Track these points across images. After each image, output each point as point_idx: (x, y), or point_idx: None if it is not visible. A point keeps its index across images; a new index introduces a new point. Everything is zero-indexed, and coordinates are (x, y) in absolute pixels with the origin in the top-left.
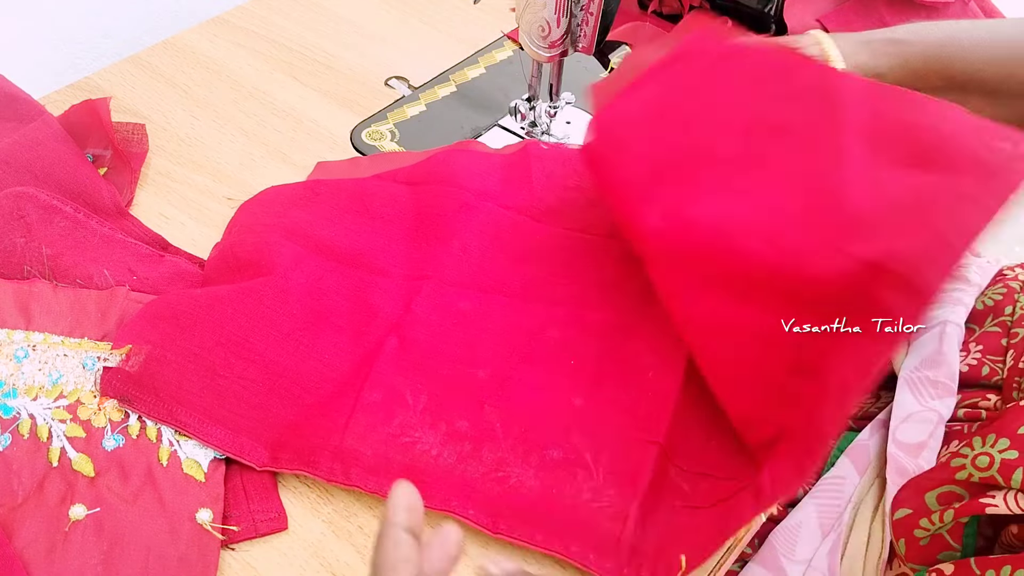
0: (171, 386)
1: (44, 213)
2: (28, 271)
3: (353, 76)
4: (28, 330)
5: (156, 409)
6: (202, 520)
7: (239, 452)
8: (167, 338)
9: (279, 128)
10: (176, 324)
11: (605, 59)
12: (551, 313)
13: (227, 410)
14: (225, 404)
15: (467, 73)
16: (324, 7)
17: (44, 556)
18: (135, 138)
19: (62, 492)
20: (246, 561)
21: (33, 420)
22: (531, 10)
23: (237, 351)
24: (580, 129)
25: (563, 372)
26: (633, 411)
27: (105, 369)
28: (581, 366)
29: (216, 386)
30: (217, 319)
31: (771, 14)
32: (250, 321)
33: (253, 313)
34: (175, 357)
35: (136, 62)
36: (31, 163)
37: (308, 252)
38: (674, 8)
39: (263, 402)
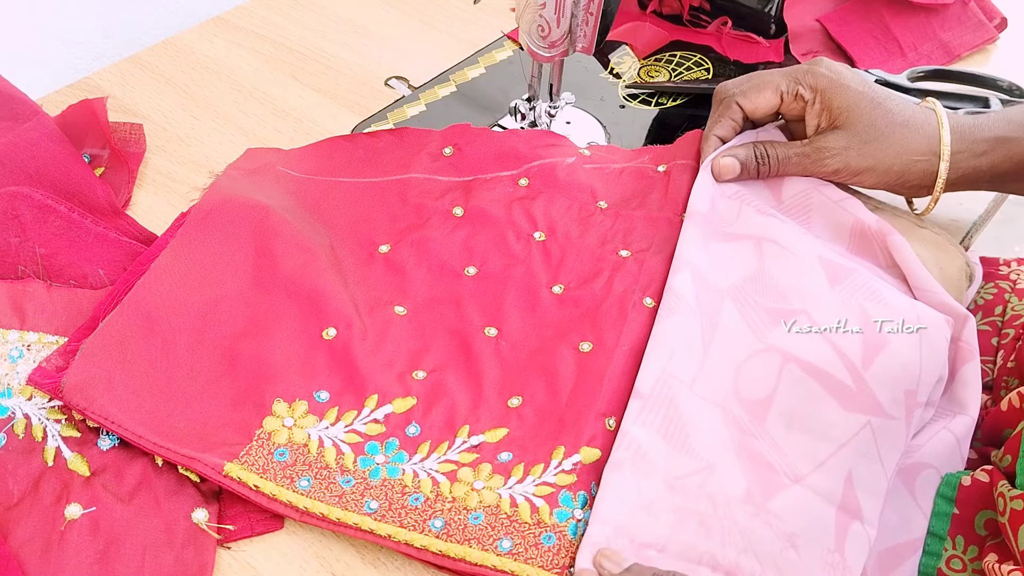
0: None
1: (39, 213)
2: (22, 271)
3: (353, 76)
4: (22, 330)
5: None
6: (198, 519)
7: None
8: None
9: (279, 128)
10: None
11: (605, 59)
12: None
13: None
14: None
15: (467, 73)
16: (324, 7)
17: (40, 556)
18: (132, 138)
19: (57, 492)
20: (246, 561)
21: (28, 420)
22: (531, 10)
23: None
24: (580, 129)
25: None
26: None
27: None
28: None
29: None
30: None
31: (771, 14)
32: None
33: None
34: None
35: (136, 62)
36: (26, 163)
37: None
38: (674, 8)
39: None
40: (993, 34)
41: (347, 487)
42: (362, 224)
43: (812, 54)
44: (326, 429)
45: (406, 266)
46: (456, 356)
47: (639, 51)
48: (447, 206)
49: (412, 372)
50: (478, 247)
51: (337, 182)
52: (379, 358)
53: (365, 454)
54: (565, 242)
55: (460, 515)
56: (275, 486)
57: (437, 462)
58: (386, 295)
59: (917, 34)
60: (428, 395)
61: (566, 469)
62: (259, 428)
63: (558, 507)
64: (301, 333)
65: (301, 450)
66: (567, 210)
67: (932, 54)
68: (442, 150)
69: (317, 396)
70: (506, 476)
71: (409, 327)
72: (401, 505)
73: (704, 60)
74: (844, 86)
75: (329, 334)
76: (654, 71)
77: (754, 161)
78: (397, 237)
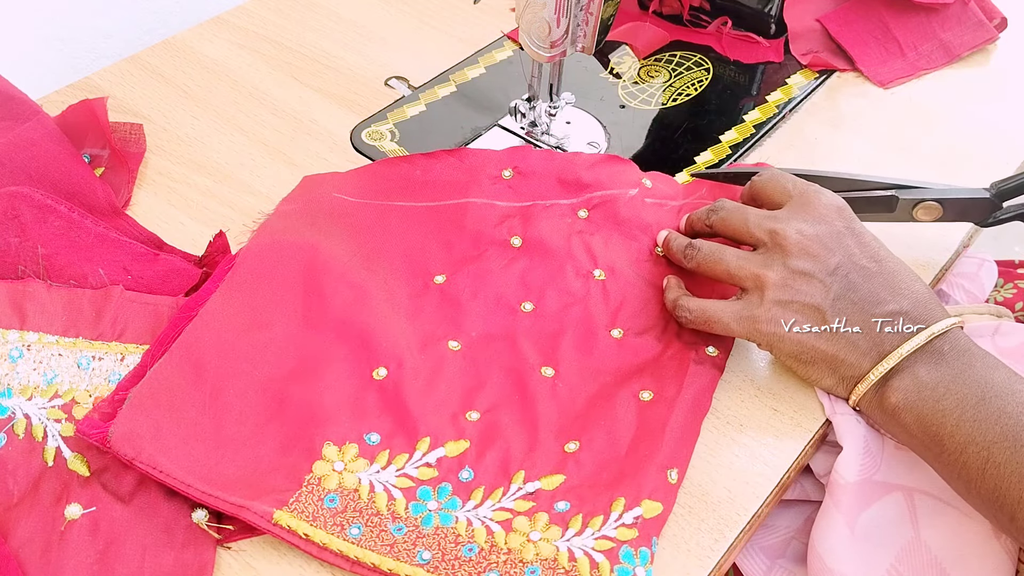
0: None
1: (38, 212)
2: (22, 271)
3: (353, 76)
4: (22, 330)
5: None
6: (198, 519)
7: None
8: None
9: (279, 128)
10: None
11: (605, 59)
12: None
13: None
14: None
15: (467, 73)
16: (324, 7)
17: (40, 556)
18: (132, 138)
19: (57, 492)
20: (246, 561)
21: (28, 420)
22: (531, 10)
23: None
24: (580, 129)
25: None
26: None
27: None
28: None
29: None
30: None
31: (771, 14)
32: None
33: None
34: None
35: (136, 62)
36: (26, 163)
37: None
38: (674, 8)
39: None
40: (993, 34)
41: (399, 535)
42: (417, 252)
43: (812, 54)
44: (377, 473)
45: (462, 298)
46: (511, 396)
47: (639, 51)
48: (505, 235)
49: (466, 413)
50: (535, 282)
51: (392, 206)
52: (432, 398)
53: (417, 500)
54: (625, 285)
55: (516, 568)
56: (325, 535)
57: (491, 510)
58: (440, 329)
59: (917, 34)
60: (482, 438)
61: (627, 523)
62: (309, 473)
63: (619, 563)
64: (351, 374)
65: (352, 495)
66: (627, 250)
67: (932, 54)
68: (502, 172)
69: (368, 438)
70: (564, 527)
71: (463, 363)
72: (455, 556)
73: (704, 60)
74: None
75: (380, 374)
76: (654, 71)
77: (680, 255)
78: (453, 267)
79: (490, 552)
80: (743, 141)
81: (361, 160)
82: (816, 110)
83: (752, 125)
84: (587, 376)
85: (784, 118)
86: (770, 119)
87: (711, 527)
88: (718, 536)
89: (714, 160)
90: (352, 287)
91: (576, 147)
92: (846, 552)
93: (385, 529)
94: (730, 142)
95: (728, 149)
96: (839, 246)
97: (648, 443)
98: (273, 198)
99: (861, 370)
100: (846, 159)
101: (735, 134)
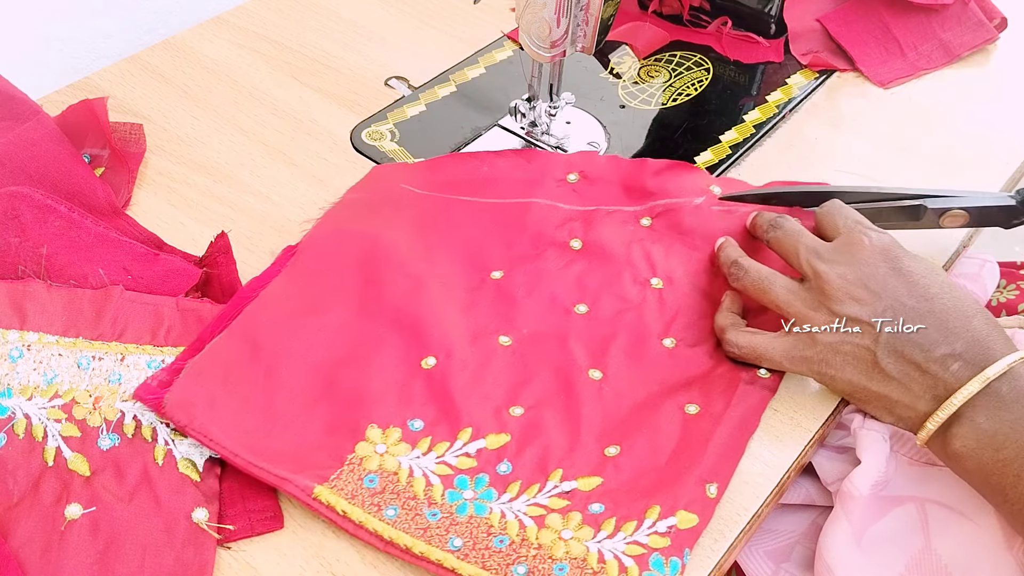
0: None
1: (38, 212)
2: (22, 271)
3: (353, 76)
4: (23, 330)
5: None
6: (198, 519)
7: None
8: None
9: (279, 128)
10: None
11: (605, 59)
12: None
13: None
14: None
15: (467, 73)
16: (324, 7)
17: (40, 556)
18: (133, 138)
19: (57, 492)
20: (246, 561)
21: (28, 420)
22: (531, 10)
23: None
24: (580, 129)
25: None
26: None
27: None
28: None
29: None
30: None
31: (771, 14)
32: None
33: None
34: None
35: (136, 62)
36: (26, 163)
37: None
38: (674, 8)
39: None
40: (993, 34)
41: (433, 520)
42: (477, 247)
43: (812, 54)
44: (417, 458)
45: (517, 295)
46: (556, 395)
47: (639, 51)
48: (565, 237)
49: (509, 408)
50: (591, 285)
51: (457, 200)
52: (477, 391)
53: (454, 488)
54: (682, 295)
55: (545, 564)
56: (362, 513)
57: (526, 504)
58: (492, 324)
59: (917, 34)
60: (523, 433)
61: (660, 531)
62: (351, 453)
63: (648, 570)
64: (401, 361)
65: (391, 478)
66: (688, 260)
67: (932, 54)
68: (567, 176)
69: (411, 424)
70: (596, 528)
71: (512, 359)
72: (485, 546)
73: (704, 60)
74: None
75: (428, 363)
76: (654, 71)
77: (727, 271)
78: (511, 264)
79: (520, 545)
80: (743, 141)
81: (361, 160)
82: (816, 110)
83: (752, 125)
84: (635, 382)
85: (784, 118)
86: (770, 119)
87: (711, 527)
88: (718, 536)
89: (714, 160)
90: (409, 277)
91: (576, 147)
92: (854, 562)
93: (420, 513)
94: (730, 142)
95: (728, 149)
96: (884, 289)
97: (689, 455)
98: (273, 198)
99: (917, 412)
100: (846, 159)
101: (735, 134)
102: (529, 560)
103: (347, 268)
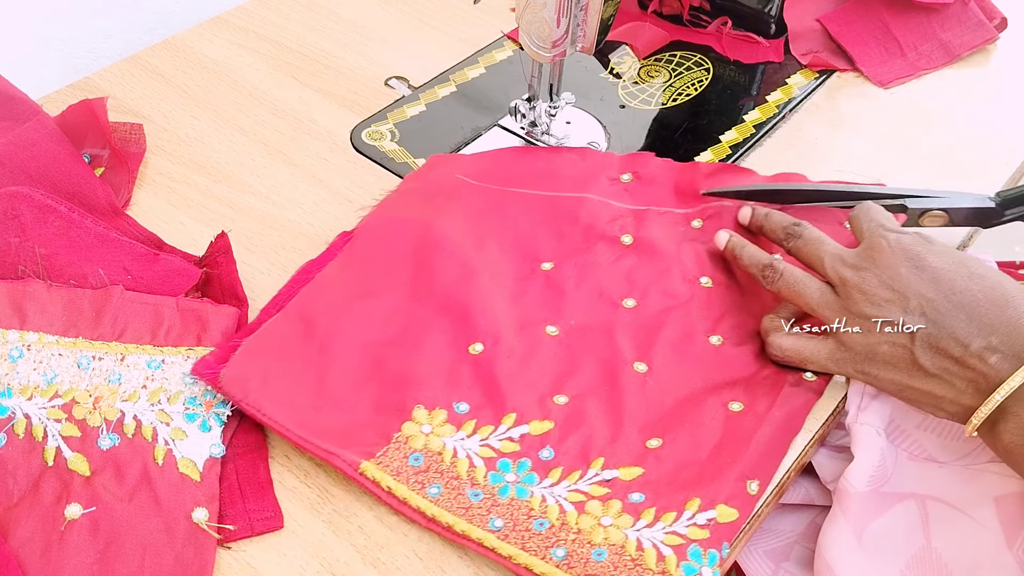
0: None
1: (38, 212)
2: (22, 271)
3: (353, 76)
4: (23, 330)
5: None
6: (198, 519)
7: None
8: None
9: (279, 128)
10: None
11: (605, 59)
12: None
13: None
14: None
15: (467, 73)
16: (324, 7)
17: (40, 556)
18: (132, 138)
19: (57, 491)
20: (245, 561)
21: (28, 420)
22: (531, 10)
23: None
24: (580, 129)
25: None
26: None
27: None
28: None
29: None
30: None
31: (771, 14)
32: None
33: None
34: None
35: (136, 62)
36: (26, 163)
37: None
38: (674, 8)
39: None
40: (993, 34)
41: (475, 500)
42: (529, 238)
43: (812, 54)
44: (462, 440)
45: (566, 287)
46: (601, 386)
47: (639, 51)
48: (616, 232)
49: (553, 396)
50: (640, 280)
51: (511, 192)
52: (522, 378)
53: (496, 470)
54: (731, 295)
55: (583, 548)
56: (406, 490)
57: (567, 490)
58: (540, 313)
59: (917, 34)
60: (567, 421)
61: (699, 523)
62: (398, 432)
63: (686, 560)
64: (449, 346)
65: (435, 457)
66: None
67: (932, 54)
68: (620, 176)
69: (457, 407)
70: (635, 517)
71: (558, 349)
72: (525, 528)
73: (704, 60)
74: None
75: (476, 349)
76: (654, 71)
77: (759, 275)
78: (562, 256)
79: (560, 529)
80: (743, 141)
81: (361, 160)
82: (816, 110)
83: (752, 125)
84: (679, 377)
85: (784, 118)
86: (770, 119)
87: None
88: None
89: (714, 160)
90: (460, 265)
91: None
92: (854, 559)
93: (462, 493)
94: (730, 142)
95: (728, 149)
96: (908, 288)
97: (731, 451)
98: (273, 198)
99: (963, 407)
100: (846, 159)
101: (735, 134)
102: (568, 544)
103: (401, 254)
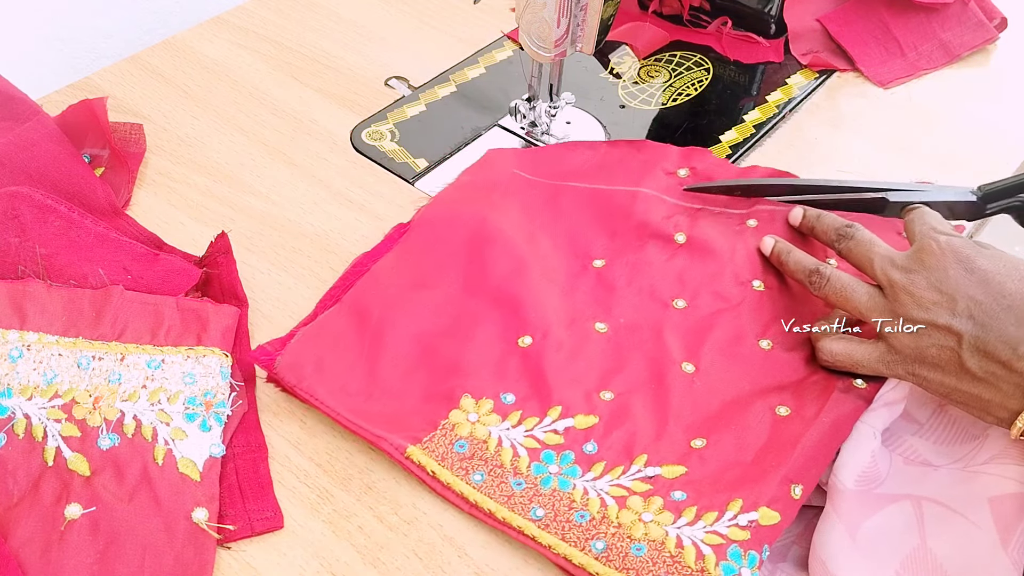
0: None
1: (38, 212)
2: (22, 271)
3: (353, 76)
4: (22, 330)
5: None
6: (198, 519)
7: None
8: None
9: (279, 128)
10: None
11: (605, 59)
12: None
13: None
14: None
15: (467, 73)
16: (324, 7)
17: (40, 556)
18: (132, 138)
19: (57, 492)
20: (245, 561)
21: (28, 420)
22: (531, 10)
23: None
24: (580, 129)
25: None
26: None
27: None
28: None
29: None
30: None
31: (771, 14)
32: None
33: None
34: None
35: (136, 62)
36: (26, 163)
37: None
38: (674, 8)
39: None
40: (993, 34)
41: (517, 489)
42: (581, 235)
43: (812, 54)
44: (507, 430)
45: (617, 284)
46: (647, 384)
47: (639, 51)
48: (670, 230)
49: (600, 392)
50: (692, 281)
51: (566, 186)
52: (569, 372)
53: (540, 461)
54: (783, 300)
55: (623, 542)
56: (451, 475)
57: (609, 484)
58: (590, 310)
59: (917, 34)
60: (612, 417)
61: (741, 524)
62: (445, 419)
63: (725, 560)
64: (498, 338)
65: (480, 445)
66: None
67: (932, 54)
68: (677, 170)
69: (503, 397)
70: (676, 515)
71: (606, 345)
72: (566, 519)
73: (704, 60)
74: None
75: (525, 342)
76: (654, 71)
77: (806, 280)
78: (614, 254)
79: (600, 522)
80: (743, 141)
81: (361, 160)
82: (816, 110)
83: (752, 125)
84: (727, 380)
85: (784, 118)
86: (770, 119)
87: None
88: None
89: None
90: (513, 259)
91: None
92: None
93: (505, 481)
94: (730, 142)
95: (728, 149)
96: (957, 290)
97: (776, 455)
98: (273, 198)
99: (1010, 411)
100: (846, 159)
101: (735, 134)
102: (608, 537)
103: (455, 247)
